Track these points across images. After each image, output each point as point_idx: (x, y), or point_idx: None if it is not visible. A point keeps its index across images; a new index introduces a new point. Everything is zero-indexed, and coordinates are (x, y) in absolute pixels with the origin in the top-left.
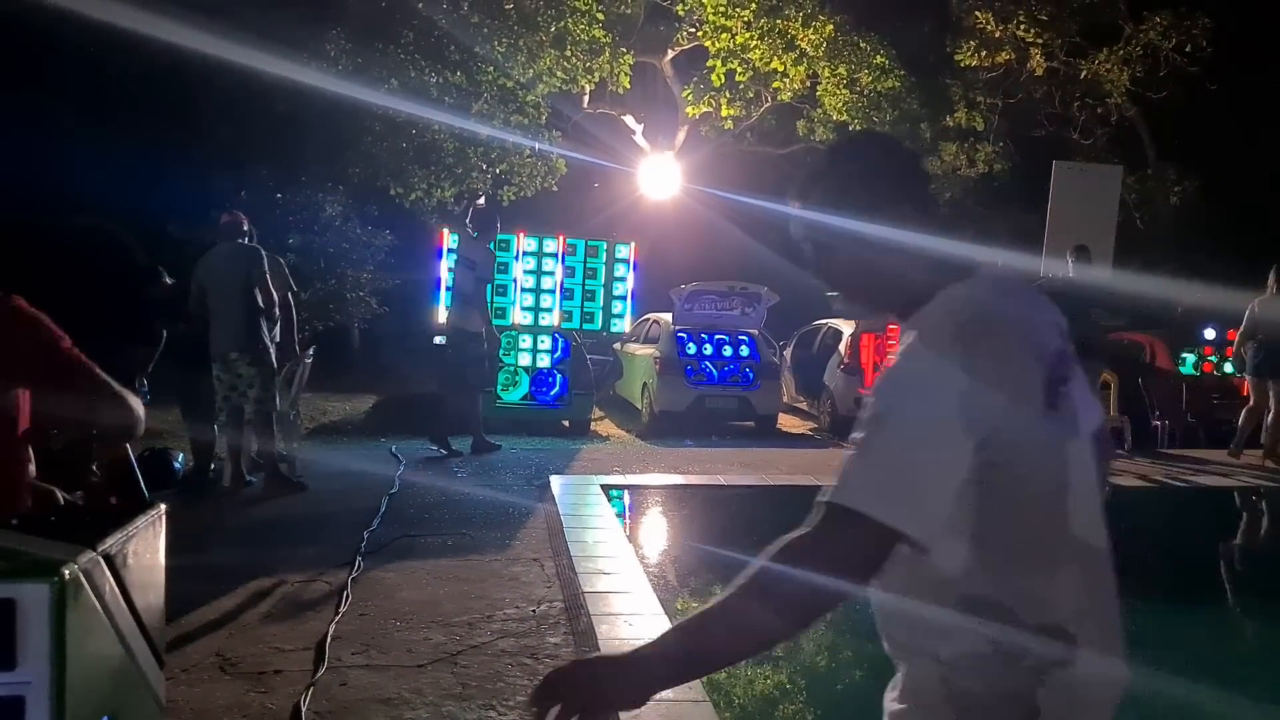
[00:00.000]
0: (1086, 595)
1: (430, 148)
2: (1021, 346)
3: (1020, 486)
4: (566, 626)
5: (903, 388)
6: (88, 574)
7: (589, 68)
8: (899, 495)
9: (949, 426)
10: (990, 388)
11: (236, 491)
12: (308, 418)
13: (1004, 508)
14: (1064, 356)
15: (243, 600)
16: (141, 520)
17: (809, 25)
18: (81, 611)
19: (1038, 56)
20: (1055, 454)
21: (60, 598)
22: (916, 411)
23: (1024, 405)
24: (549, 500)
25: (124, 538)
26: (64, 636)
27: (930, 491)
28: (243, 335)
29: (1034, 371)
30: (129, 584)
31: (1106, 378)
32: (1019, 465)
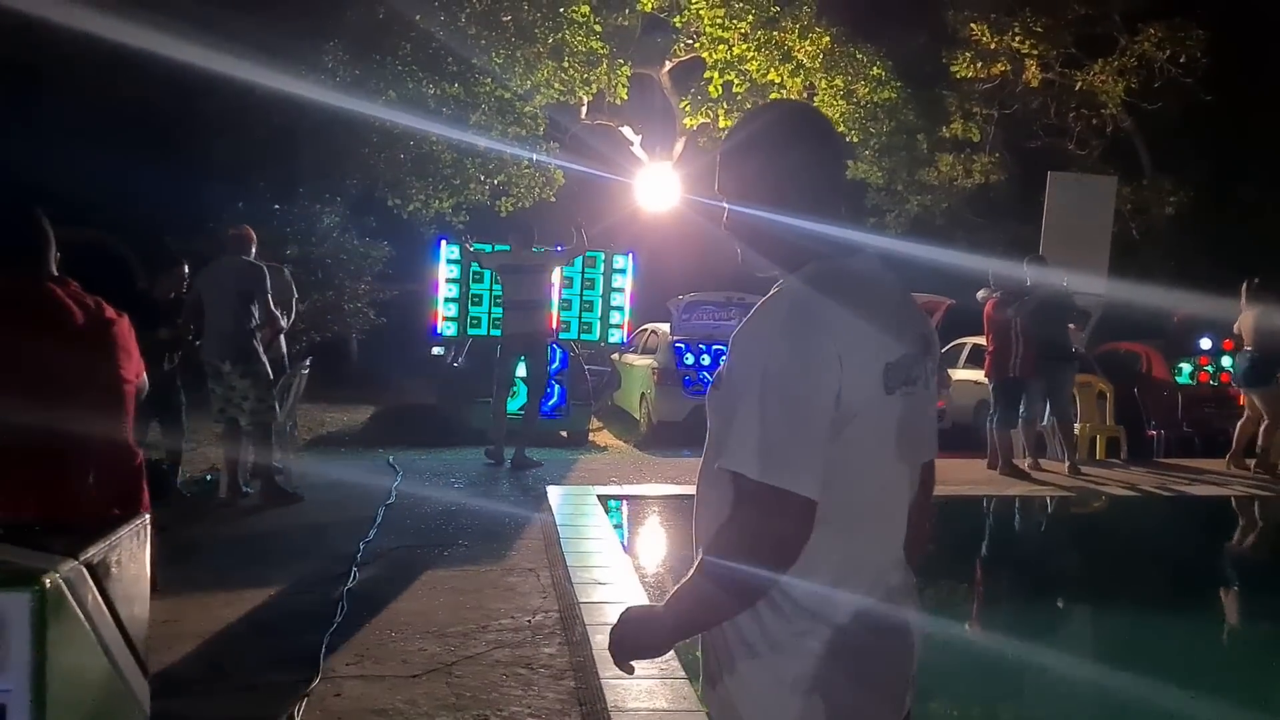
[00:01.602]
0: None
1: (428, 159)
2: (865, 325)
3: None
4: (562, 637)
5: (780, 348)
6: (70, 583)
7: (586, 79)
8: (803, 463)
9: (824, 388)
10: (843, 352)
11: (233, 502)
12: (305, 429)
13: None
14: (916, 359)
15: (238, 611)
16: (125, 530)
17: (806, 37)
18: (64, 621)
19: (1033, 68)
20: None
21: (41, 607)
22: (802, 374)
23: (864, 375)
24: (546, 510)
25: (107, 547)
26: (45, 646)
27: (815, 448)
28: (233, 347)
29: (875, 350)
30: (112, 594)
31: (1102, 387)
32: (850, 428)
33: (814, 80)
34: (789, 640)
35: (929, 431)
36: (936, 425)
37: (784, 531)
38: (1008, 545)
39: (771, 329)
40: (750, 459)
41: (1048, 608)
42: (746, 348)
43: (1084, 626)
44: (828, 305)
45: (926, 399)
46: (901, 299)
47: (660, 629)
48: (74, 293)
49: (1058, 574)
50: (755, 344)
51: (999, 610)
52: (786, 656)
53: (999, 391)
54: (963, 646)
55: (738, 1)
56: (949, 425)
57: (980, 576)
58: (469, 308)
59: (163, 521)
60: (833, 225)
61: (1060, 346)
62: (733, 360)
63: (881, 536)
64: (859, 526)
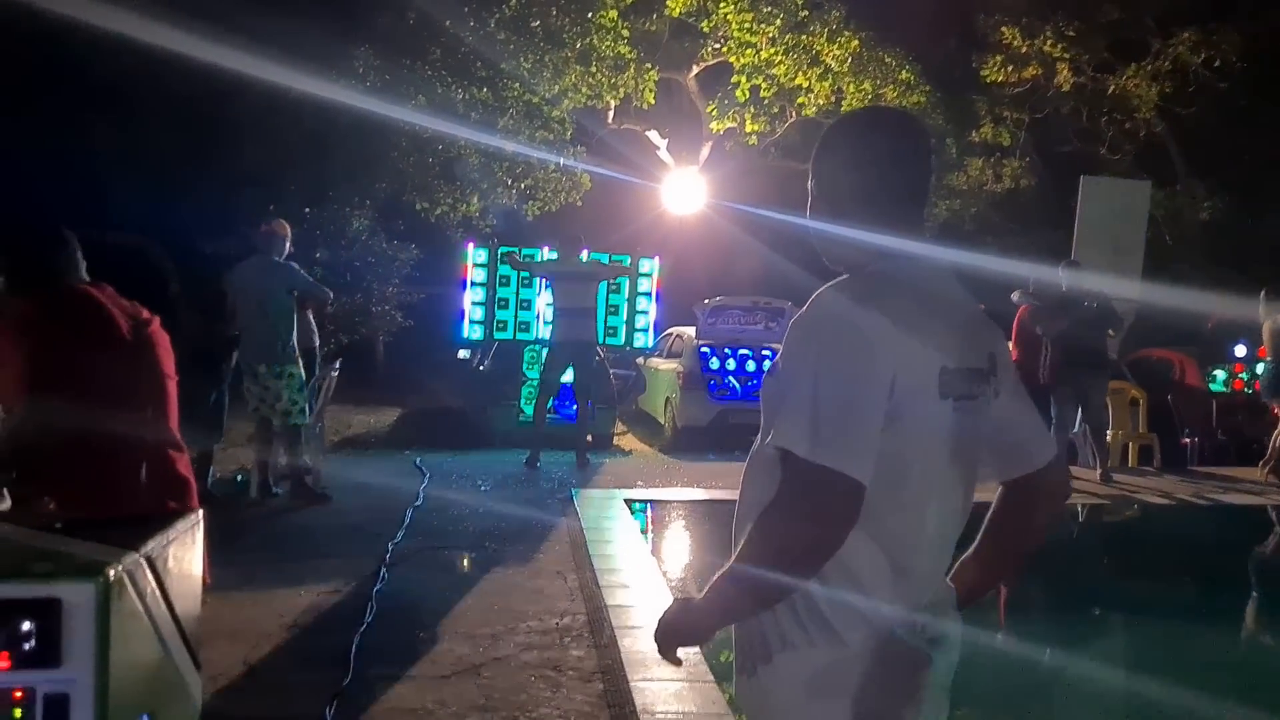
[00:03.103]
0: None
1: (456, 163)
2: (923, 324)
3: (896, 439)
4: (590, 639)
5: (838, 331)
6: (131, 575)
7: (614, 84)
8: (855, 445)
9: (880, 374)
10: (899, 342)
11: (262, 502)
12: (333, 430)
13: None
14: (979, 374)
15: (268, 610)
16: (181, 525)
17: (834, 41)
18: (125, 611)
19: (1065, 72)
20: (928, 431)
21: (105, 597)
22: (858, 357)
23: (919, 372)
24: (572, 514)
25: (165, 541)
26: (108, 636)
27: (866, 432)
28: (269, 348)
29: (932, 350)
30: (169, 587)
31: (1135, 394)
32: (899, 424)
33: (842, 84)
34: (822, 637)
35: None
36: (1036, 424)
37: (830, 512)
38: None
39: (830, 313)
40: (801, 437)
41: (1077, 617)
42: (803, 332)
43: (1114, 636)
44: (888, 298)
45: (986, 418)
46: (971, 313)
47: (703, 615)
48: (111, 296)
49: (1086, 583)
50: (812, 328)
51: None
52: (819, 652)
53: None
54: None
55: (766, 5)
56: None
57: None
58: (495, 311)
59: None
60: (908, 233)
61: (1095, 353)
62: (788, 345)
63: (926, 546)
64: (902, 529)
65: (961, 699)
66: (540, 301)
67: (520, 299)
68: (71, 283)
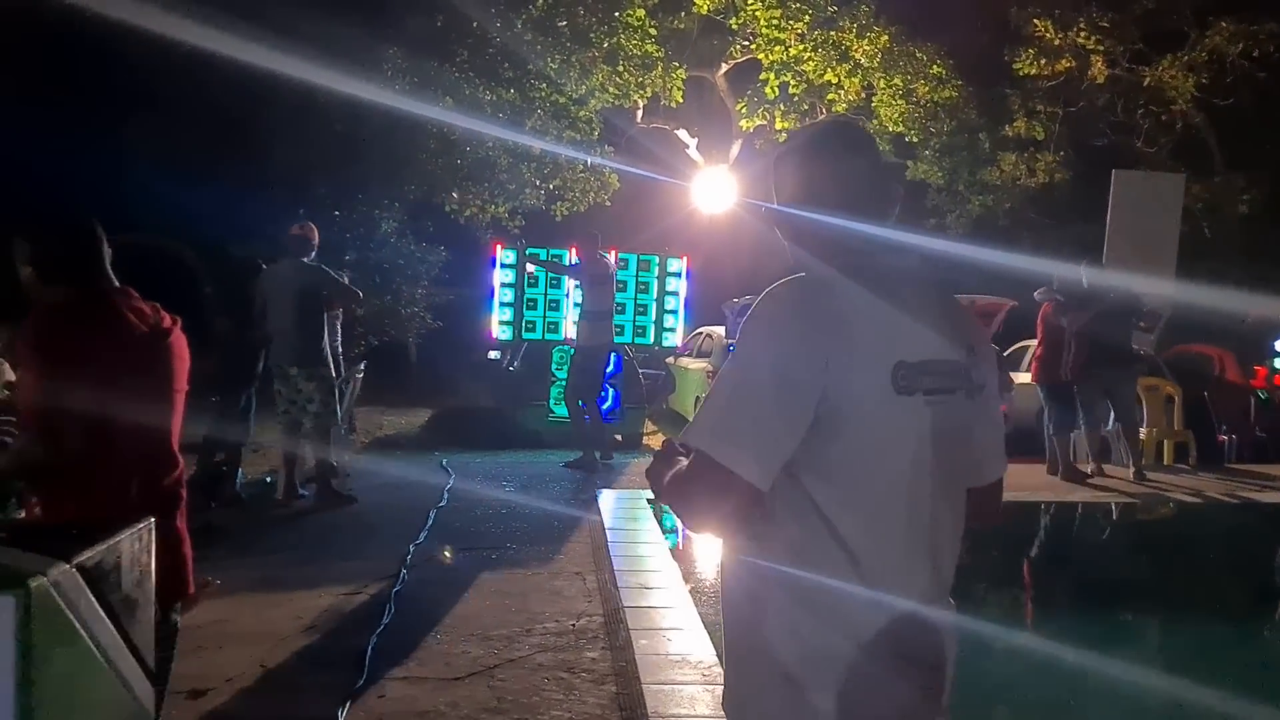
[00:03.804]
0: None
1: (484, 164)
2: (868, 322)
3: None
4: (605, 641)
5: (761, 337)
6: (59, 586)
7: (641, 83)
8: (753, 449)
9: (800, 384)
10: (834, 349)
11: (289, 504)
12: (364, 431)
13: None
14: (951, 366)
15: (287, 611)
16: (126, 534)
17: (864, 36)
18: (52, 624)
19: (1099, 64)
20: (891, 430)
21: (27, 609)
22: (775, 365)
23: (863, 374)
24: (595, 514)
25: (105, 551)
26: (31, 648)
27: (770, 439)
28: (300, 349)
29: (883, 348)
30: (110, 598)
31: (1170, 390)
32: (850, 428)
33: (872, 80)
34: (797, 642)
35: (984, 450)
36: (998, 443)
37: (724, 508)
38: (1062, 553)
39: (759, 319)
40: (703, 433)
41: (1103, 617)
42: (742, 328)
43: (1142, 637)
44: (826, 300)
45: (974, 412)
46: (942, 303)
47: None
48: (133, 304)
49: (1112, 582)
50: (745, 330)
51: (1053, 620)
52: (797, 658)
53: (1049, 395)
54: (1012, 655)
55: (794, 2)
56: (1011, 429)
57: (1033, 584)
58: (524, 312)
59: (220, 523)
60: (862, 227)
61: (1120, 350)
62: (737, 337)
63: (905, 545)
64: (864, 531)
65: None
66: (568, 302)
67: (548, 299)
68: (96, 286)
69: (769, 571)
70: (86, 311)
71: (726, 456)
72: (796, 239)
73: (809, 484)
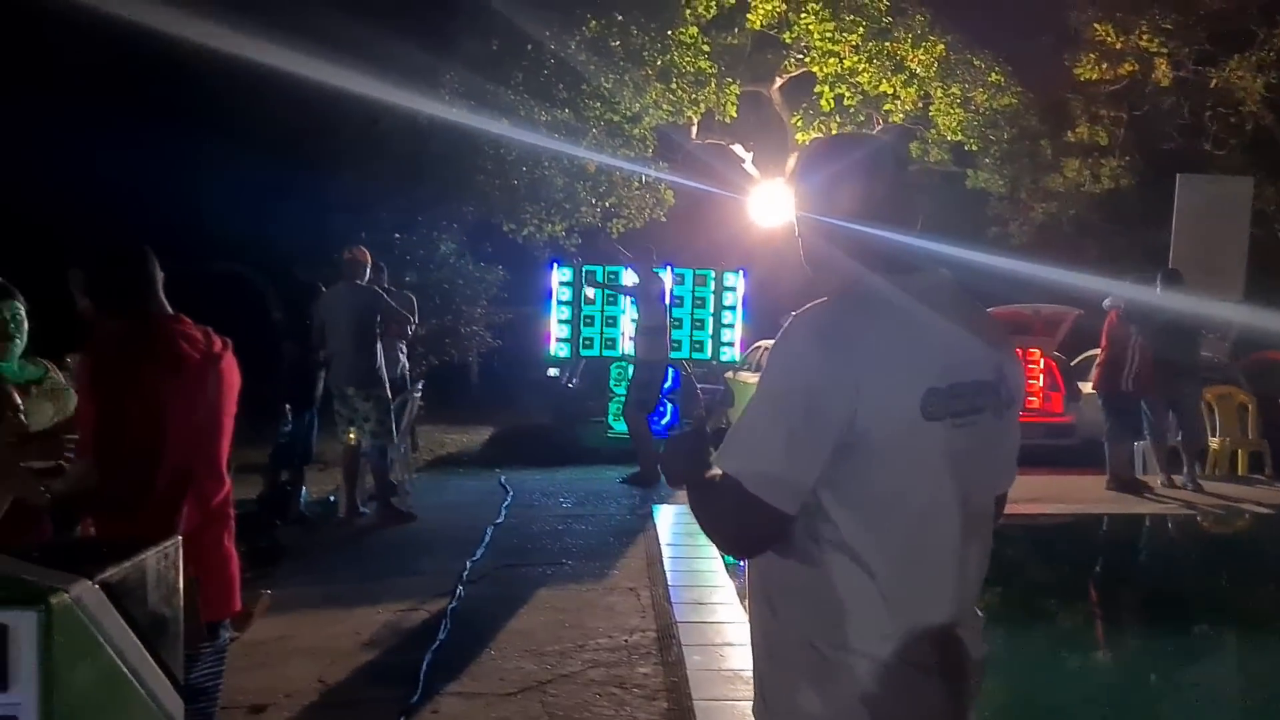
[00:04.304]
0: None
1: (541, 184)
2: (899, 347)
3: (876, 471)
4: (657, 657)
5: (790, 364)
6: (81, 602)
7: (695, 99)
8: (783, 478)
9: (830, 411)
10: (863, 376)
11: (351, 522)
12: (427, 449)
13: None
14: (980, 387)
15: (347, 627)
16: (152, 551)
17: (919, 46)
18: (75, 638)
19: (1163, 67)
20: (918, 457)
21: (48, 624)
22: (806, 394)
23: (893, 400)
24: (650, 530)
25: (130, 568)
26: (52, 662)
27: (799, 465)
28: (356, 370)
29: (913, 374)
30: (136, 614)
31: (1243, 399)
32: (878, 453)
33: (929, 89)
34: (825, 670)
35: (1003, 464)
36: (1014, 456)
37: (752, 533)
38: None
39: (789, 344)
40: (733, 458)
41: (1155, 632)
42: (773, 352)
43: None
44: (855, 326)
45: (998, 430)
46: (974, 319)
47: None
48: (185, 330)
49: (1153, 596)
50: (778, 351)
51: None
52: (826, 681)
53: (1108, 405)
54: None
55: (848, 14)
56: (1078, 441)
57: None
58: (581, 329)
59: (285, 541)
60: (887, 244)
61: (1186, 362)
62: (766, 361)
63: (931, 570)
64: (902, 557)
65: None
66: (625, 318)
67: (605, 315)
68: (149, 314)
69: (790, 587)
70: (140, 340)
71: (755, 483)
72: (816, 264)
73: (830, 506)
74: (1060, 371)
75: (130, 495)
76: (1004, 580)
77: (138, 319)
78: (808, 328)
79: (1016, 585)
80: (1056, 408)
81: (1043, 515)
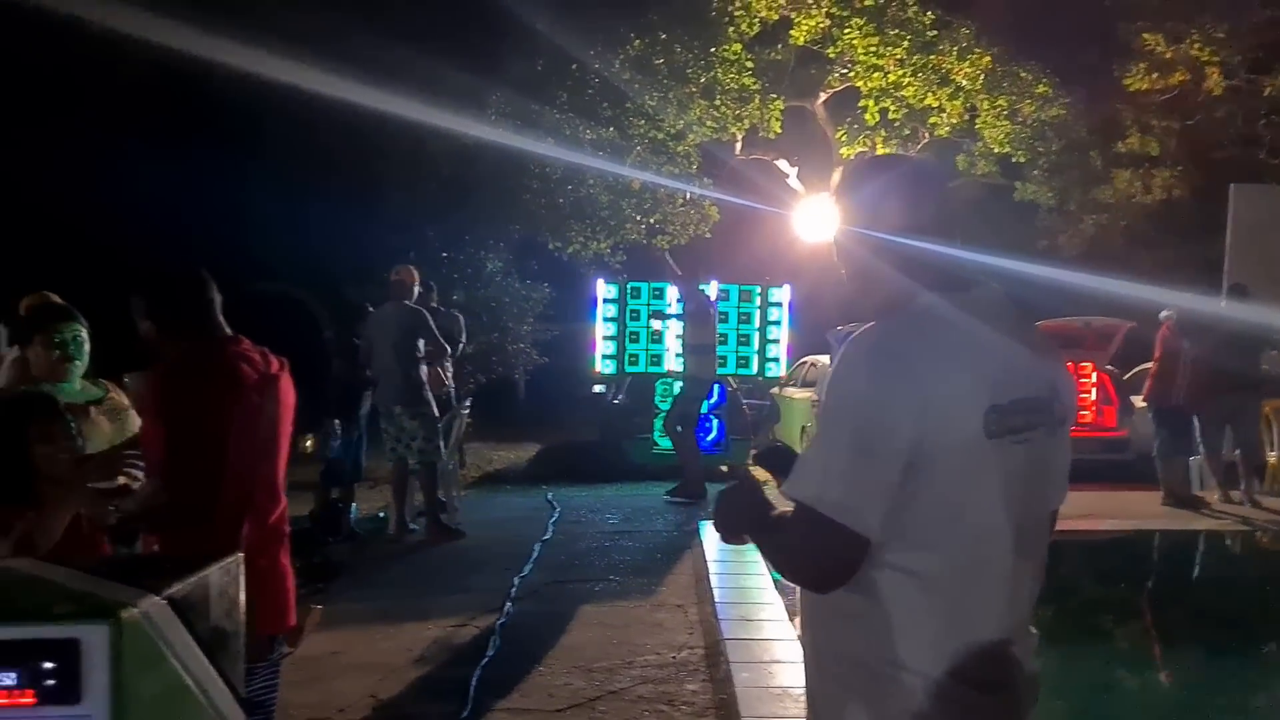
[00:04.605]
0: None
1: (586, 202)
2: (961, 365)
3: (937, 489)
4: (705, 673)
5: (856, 386)
6: (149, 617)
7: (738, 115)
8: (861, 502)
9: (898, 432)
10: (928, 396)
11: (400, 539)
12: (474, 466)
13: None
14: (1036, 404)
15: (398, 643)
16: (215, 567)
17: (965, 58)
18: (143, 653)
19: (1215, 76)
20: (979, 474)
21: (118, 638)
22: (875, 415)
23: (957, 420)
24: (697, 546)
25: (195, 584)
26: (122, 676)
27: (875, 487)
28: (402, 389)
29: (975, 393)
30: (200, 629)
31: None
32: (941, 474)
33: (975, 102)
34: (882, 692)
35: (1057, 480)
36: (1066, 473)
37: (832, 560)
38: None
39: (853, 366)
40: (810, 488)
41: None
42: (835, 377)
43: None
44: (917, 347)
45: (1052, 446)
46: (1025, 339)
47: (742, 527)
48: (245, 352)
49: (1210, 613)
50: (841, 375)
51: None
52: (878, 699)
53: (1159, 418)
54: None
55: (892, 28)
56: (1132, 456)
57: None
58: (627, 345)
59: (337, 557)
60: (941, 260)
61: (1243, 376)
62: (827, 387)
63: (987, 587)
64: (958, 575)
65: None
66: (670, 335)
67: (650, 332)
68: (210, 337)
69: (842, 606)
70: (204, 363)
71: (834, 509)
72: (863, 286)
73: (887, 525)
74: (1113, 385)
75: (196, 514)
76: (1059, 597)
77: (200, 342)
78: (869, 349)
79: (1071, 602)
80: (1110, 422)
81: (1098, 531)
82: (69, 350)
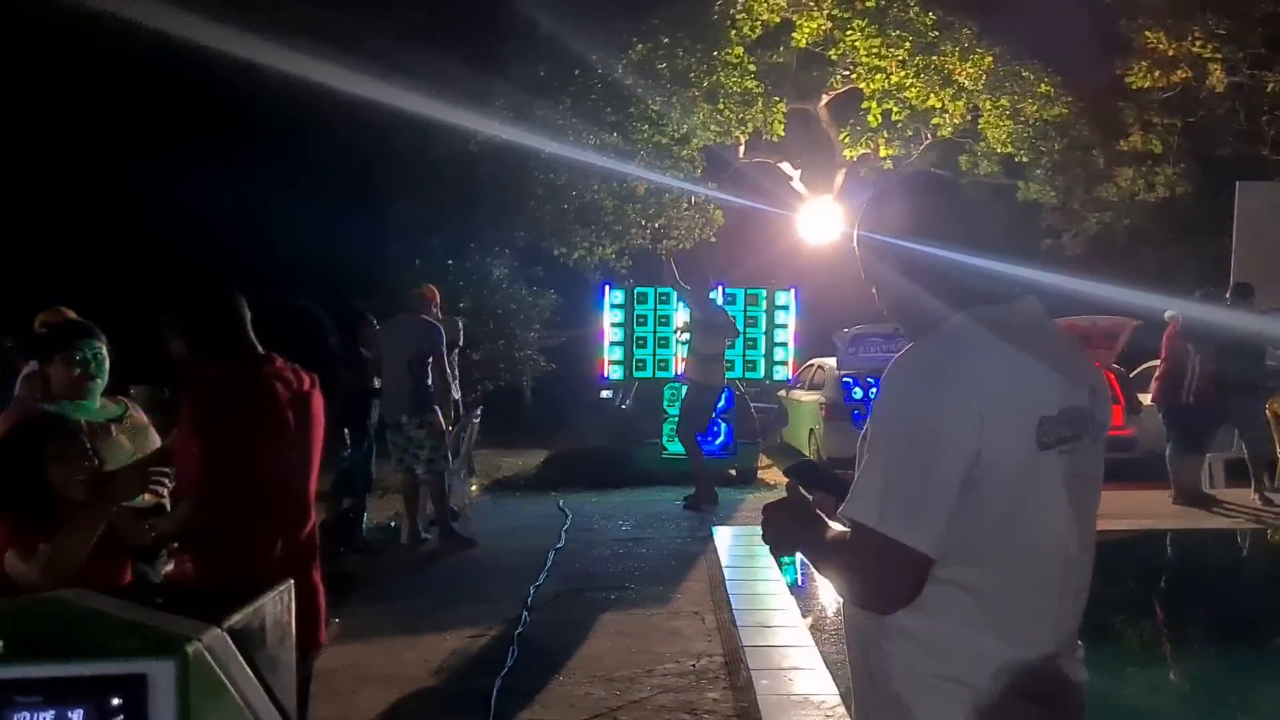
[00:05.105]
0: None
1: (590, 208)
2: (1013, 378)
3: (991, 503)
4: (726, 681)
5: (914, 401)
6: (213, 650)
7: (742, 118)
8: (923, 519)
9: (958, 447)
10: (986, 408)
11: (413, 548)
12: (484, 473)
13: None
14: (1081, 413)
15: (416, 654)
16: (270, 595)
17: (967, 59)
18: (208, 686)
19: (1218, 73)
20: (1031, 486)
21: (185, 673)
22: (935, 430)
23: (1012, 432)
24: (711, 552)
25: (251, 614)
26: (189, 710)
27: (935, 505)
28: (410, 399)
29: (1028, 405)
30: (258, 660)
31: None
32: (996, 487)
33: (977, 102)
34: (933, 701)
35: (1098, 489)
36: (1101, 480)
37: (894, 582)
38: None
39: (909, 380)
40: (870, 508)
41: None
42: (885, 397)
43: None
44: (973, 359)
45: (1094, 455)
46: (1066, 349)
47: (797, 545)
48: (278, 370)
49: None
50: (892, 394)
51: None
52: (927, 711)
53: (1169, 418)
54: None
55: (894, 29)
56: (1139, 454)
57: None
58: (634, 351)
59: (351, 568)
60: (982, 274)
61: (1248, 376)
62: (874, 406)
63: (1038, 599)
64: (1010, 587)
65: None
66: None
67: (658, 337)
68: (245, 356)
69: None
70: (239, 382)
71: (895, 529)
72: (928, 284)
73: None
74: (1120, 384)
75: (232, 534)
76: None
77: (234, 361)
78: (919, 367)
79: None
80: (1117, 420)
81: (1111, 531)
82: (90, 368)
